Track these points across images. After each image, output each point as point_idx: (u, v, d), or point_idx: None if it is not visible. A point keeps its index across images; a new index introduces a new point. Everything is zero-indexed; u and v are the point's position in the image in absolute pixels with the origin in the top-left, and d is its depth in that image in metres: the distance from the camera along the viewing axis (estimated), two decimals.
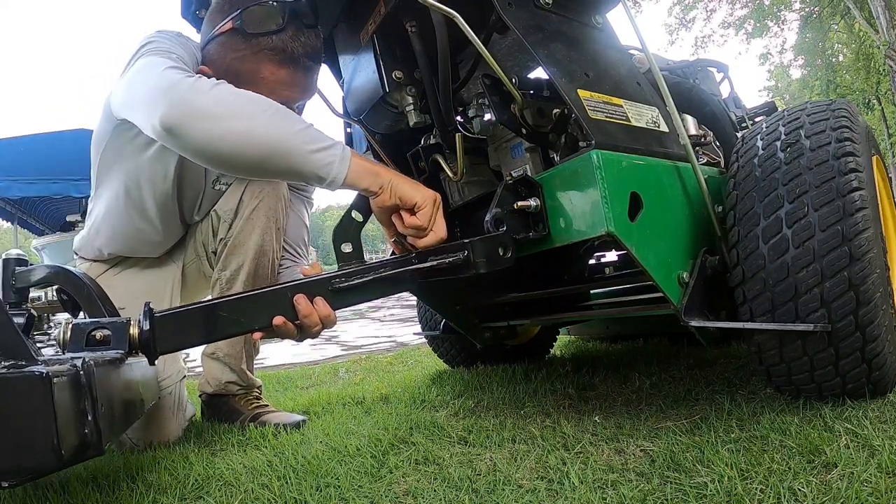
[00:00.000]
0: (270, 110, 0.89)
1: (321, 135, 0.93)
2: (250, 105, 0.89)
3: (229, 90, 0.90)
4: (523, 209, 0.97)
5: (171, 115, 0.85)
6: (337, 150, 0.93)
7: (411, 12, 1.13)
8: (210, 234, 1.40)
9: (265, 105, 0.90)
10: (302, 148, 0.89)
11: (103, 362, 0.66)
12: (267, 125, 0.87)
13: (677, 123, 1.04)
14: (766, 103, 1.98)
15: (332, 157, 0.91)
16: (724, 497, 0.71)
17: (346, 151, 0.94)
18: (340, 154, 0.93)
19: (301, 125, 0.92)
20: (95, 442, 0.58)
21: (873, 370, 0.93)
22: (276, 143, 0.87)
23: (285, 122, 0.89)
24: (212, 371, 1.50)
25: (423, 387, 1.68)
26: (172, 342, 0.83)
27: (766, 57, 21.10)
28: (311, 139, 0.90)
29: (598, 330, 2.29)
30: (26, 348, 0.56)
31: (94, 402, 0.59)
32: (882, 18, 12.91)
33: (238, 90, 0.92)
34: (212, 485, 0.95)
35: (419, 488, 0.86)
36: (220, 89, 0.89)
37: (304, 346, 4.62)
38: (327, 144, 0.92)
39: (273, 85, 1.06)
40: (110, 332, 0.77)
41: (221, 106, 0.86)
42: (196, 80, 0.89)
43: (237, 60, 1.06)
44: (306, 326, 0.91)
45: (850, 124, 0.99)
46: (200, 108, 0.85)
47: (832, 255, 0.88)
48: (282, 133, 0.87)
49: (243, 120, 0.86)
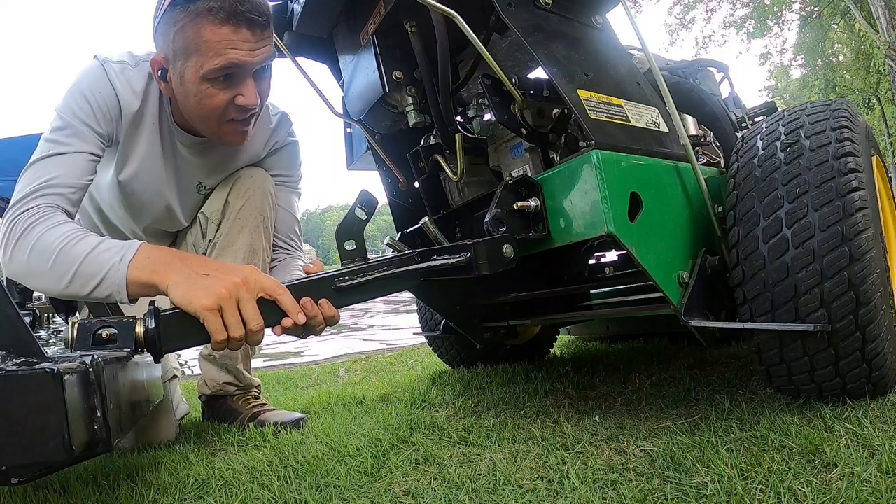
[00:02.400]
0: (48, 264, 0.95)
1: (96, 263, 0.93)
2: (37, 262, 0.96)
3: (25, 247, 0.97)
4: (523, 209, 0.97)
5: (6, 273, 1.02)
6: (109, 278, 0.93)
7: (411, 12, 1.14)
8: (199, 235, 1.41)
9: (45, 259, 0.96)
10: (81, 291, 0.95)
11: (112, 360, 0.67)
12: (50, 280, 0.96)
13: (677, 123, 1.04)
14: (766, 103, 1.98)
15: (108, 287, 0.94)
16: (724, 497, 0.71)
17: (120, 273, 0.93)
18: (113, 281, 0.93)
19: (72, 266, 0.94)
20: (105, 438, 0.59)
21: (873, 370, 0.93)
22: (63, 292, 0.97)
23: (61, 271, 0.95)
24: (209, 372, 1.50)
25: (423, 387, 1.68)
26: (178, 341, 0.83)
27: (766, 57, 21.10)
28: (85, 279, 0.94)
29: (598, 330, 2.29)
30: (37, 346, 0.57)
31: (104, 399, 0.60)
32: (882, 18, 12.91)
33: (29, 243, 0.97)
34: (212, 485, 0.95)
35: (419, 488, 0.86)
36: (18, 249, 0.97)
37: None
38: (98, 278, 0.93)
39: (218, 46, 1.03)
40: (116, 331, 0.78)
41: (21, 267, 0.99)
42: (9, 236, 0.99)
43: (180, 33, 1.04)
44: (311, 326, 0.91)
45: (850, 124, 0.99)
46: (13, 273, 1.00)
47: (832, 255, 0.88)
48: (61, 284, 0.95)
49: (36, 280, 1.00)
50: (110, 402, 0.62)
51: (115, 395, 0.66)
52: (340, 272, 0.95)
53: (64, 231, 0.98)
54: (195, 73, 1.06)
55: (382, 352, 3.48)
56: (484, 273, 0.94)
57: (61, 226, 0.99)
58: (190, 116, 1.17)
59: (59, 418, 0.53)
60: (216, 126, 1.15)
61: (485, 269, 0.94)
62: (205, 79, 1.06)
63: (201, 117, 1.15)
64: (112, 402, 0.63)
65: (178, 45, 1.06)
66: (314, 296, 0.91)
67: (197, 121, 1.18)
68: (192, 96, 1.10)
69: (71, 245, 0.95)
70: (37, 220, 0.99)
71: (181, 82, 1.09)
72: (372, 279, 0.96)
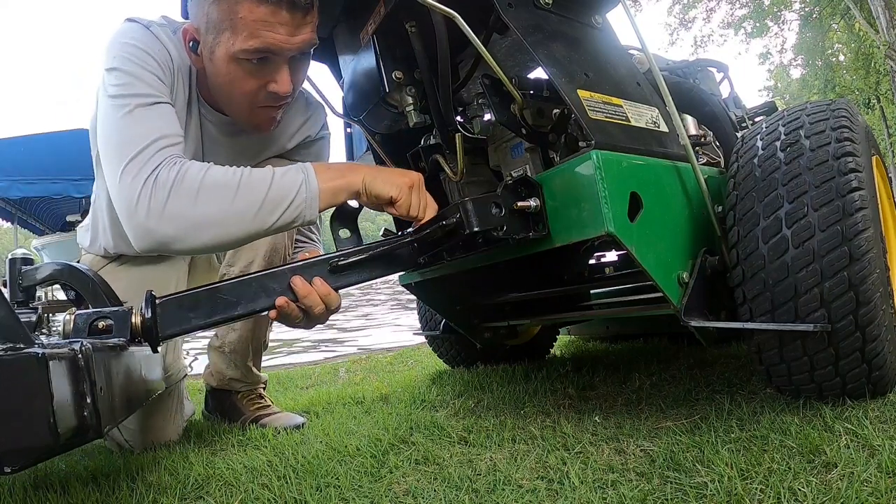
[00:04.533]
0: (229, 200, 0.89)
1: (283, 185, 0.91)
2: (210, 204, 0.88)
3: (186, 194, 0.88)
4: (523, 209, 0.97)
5: (144, 244, 0.91)
6: (301, 194, 0.92)
7: (411, 12, 1.13)
8: None
9: (224, 196, 0.89)
10: (269, 220, 0.92)
11: (103, 347, 0.66)
12: (231, 220, 0.90)
13: (677, 123, 1.04)
14: (766, 103, 1.98)
15: (298, 206, 0.93)
16: (724, 497, 0.71)
17: (311, 187, 0.93)
18: (305, 197, 0.93)
19: (260, 193, 0.90)
20: (95, 424, 0.59)
21: (873, 370, 0.93)
22: (246, 230, 0.91)
23: (246, 204, 0.90)
24: (217, 364, 1.49)
25: (423, 387, 1.68)
26: (174, 327, 0.83)
27: (766, 57, 21.10)
28: (274, 205, 0.91)
29: (598, 330, 2.29)
30: (24, 331, 0.57)
31: (93, 385, 0.59)
32: (882, 18, 12.91)
33: (193, 186, 0.88)
34: (212, 485, 0.95)
35: (419, 488, 0.86)
36: (177, 200, 0.88)
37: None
38: (290, 199, 0.92)
39: (253, 25, 0.95)
40: (112, 321, 0.78)
41: (184, 221, 0.88)
42: (151, 195, 0.88)
43: (214, 4, 0.96)
44: (308, 308, 0.91)
45: (850, 124, 0.99)
46: (168, 232, 0.88)
47: (832, 255, 0.88)
48: (246, 220, 0.90)
49: (210, 228, 0.89)
50: (101, 389, 0.61)
51: (108, 383, 0.65)
52: (336, 253, 0.96)
53: (229, 169, 0.91)
54: (226, 50, 0.98)
55: (382, 352, 3.48)
56: (475, 229, 0.93)
57: (217, 166, 0.92)
58: (217, 95, 1.11)
59: (45, 403, 0.53)
60: (244, 110, 1.09)
61: (476, 225, 0.93)
62: (236, 59, 0.99)
63: (229, 98, 1.09)
64: (103, 389, 0.62)
65: (213, 17, 0.97)
66: (308, 277, 0.91)
67: (224, 101, 1.11)
68: (222, 75, 1.03)
69: (249, 175, 0.91)
70: (182, 166, 0.90)
71: (211, 58, 1.02)
72: (368, 256, 0.96)
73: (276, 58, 1.00)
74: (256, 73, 1.02)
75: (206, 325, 0.86)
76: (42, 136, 6.36)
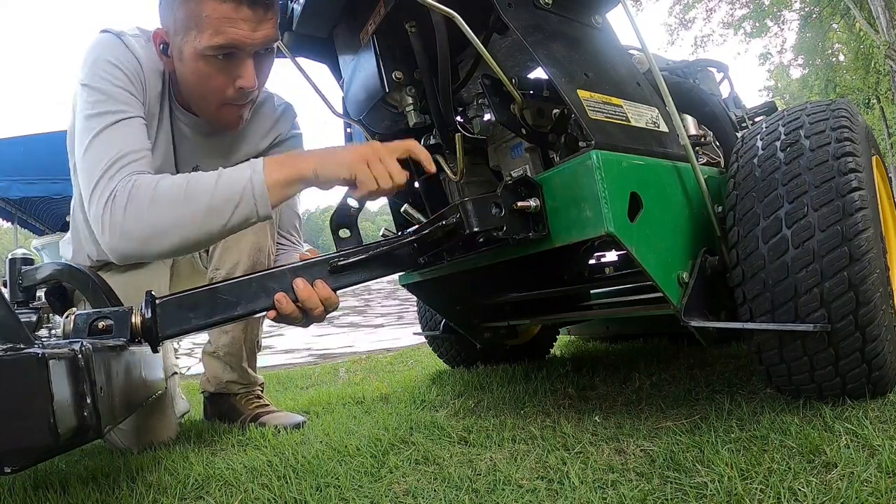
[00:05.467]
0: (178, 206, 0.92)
1: (228, 185, 0.93)
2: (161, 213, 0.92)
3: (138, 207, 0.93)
4: (523, 209, 0.97)
5: (118, 258, 0.97)
6: (247, 191, 0.93)
7: (411, 12, 1.13)
8: None
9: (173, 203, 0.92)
10: (220, 220, 0.93)
11: (103, 347, 0.67)
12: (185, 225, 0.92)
13: (677, 123, 1.04)
14: (766, 103, 1.98)
15: (248, 203, 0.93)
16: (724, 497, 0.71)
17: (258, 182, 0.93)
18: (253, 192, 0.93)
19: (206, 195, 0.92)
20: (94, 425, 0.59)
21: (873, 370, 0.93)
22: (202, 232, 0.94)
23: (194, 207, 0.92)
24: (212, 369, 1.49)
25: (423, 387, 1.68)
26: (175, 327, 0.83)
27: (765, 57, 21.10)
28: (222, 204, 0.92)
29: (598, 330, 2.29)
30: (24, 332, 0.57)
31: (93, 385, 0.59)
32: (882, 18, 12.91)
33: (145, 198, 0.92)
34: (212, 485, 0.95)
35: (419, 488, 0.86)
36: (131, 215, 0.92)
37: None
38: (237, 197, 0.92)
39: (218, 23, 1.00)
40: (112, 322, 0.78)
41: (140, 233, 0.93)
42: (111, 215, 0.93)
43: (181, 6, 1.02)
44: (308, 309, 0.91)
45: (850, 124, 0.99)
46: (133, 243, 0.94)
47: (832, 255, 0.88)
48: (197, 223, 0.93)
49: (167, 235, 0.93)
50: (101, 389, 0.61)
51: (108, 383, 0.65)
52: (336, 253, 0.96)
53: (178, 177, 0.94)
54: (193, 49, 1.03)
55: (382, 352, 3.48)
56: (475, 229, 0.93)
57: (169, 177, 0.95)
58: (188, 95, 1.15)
59: (45, 403, 0.53)
60: (213, 107, 1.13)
61: (475, 225, 0.93)
62: (203, 56, 1.04)
63: (198, 96, 1.13)
64: (103, 390, 0.62)
65: (179, 17, 1.03)
66: (309, 278, 0.91)
67: (194, 100, 1.16)
68: (191, 73, 1.08)
69: (195, 181, 0.93)
70: (139, 180, 0.95)
71: (180, 58, 1.07)
72: (368, 258, 0.96)
73: (240, 53, 1.05)
74: (223, 69, 1.06)
75: (206, 326, 0.86)
76: (42, 136, 6.34)
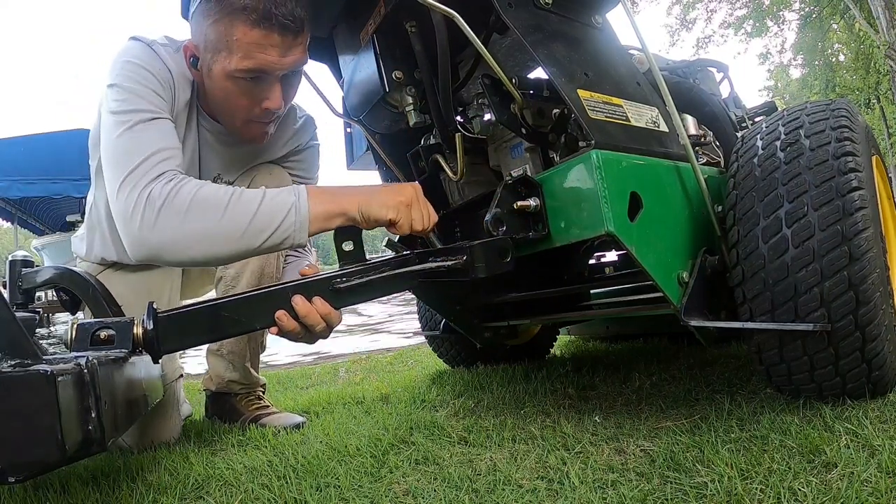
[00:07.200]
0: (217, 218, 0.91)
1: (272, 208, 0.93)
2: (199, 221, 0.91)
3: (177, 209, 0.91)
4: (523, 209, 0.97)
5: (138, 254, 0.94)
6: (290, 218, 0.93)
7: (411, 12, 1.13)
8: None
9: (213, 214, 0.91)
10: (256, 241, 0.93)
11: (107, 361, 0.67)
12: (219, 238, 0.92)
13: (677, 123, 1.04)
14: (766, 103, 1.98)
15: (287, 230, 0.94)
16: (724, 497, 0.71)
17: (301, 211, 0.94)
18: (294, 220, 0.94)
19: (248, 214, 0.92)
20: (99, 438, 0.60)
21: (873, 370, 0.93)
22: (234, 249, 0.93)
23: (234, 224, 0.92)
24: (215, 368, 1.50)
25: (423, 387, 1.68)
26: (176, 342, 0.84)
27: (765, 57, 21.08)
28: (262, 227, 0.92)
29: (598, 330, 2.29)
30: (32, 347, 0.58)
31: (98, 400, 0.60)
32: (882, 18, 12.90)
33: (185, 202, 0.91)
34: (212, 485, 0.95)
35: (419, 488, 0.86)
36: (168, 214, 0.91)
37: None
38: (278, 222, 0.93)
39: (247, 47, 1.02)
40: (114, 332, 0.78)
41: (172, 235, 0.91)
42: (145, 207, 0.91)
43: (212, 26, 1.03)
44: (309, 325, 0.91)
45: (850, 124, 0.99)
46: (159, 243, 0.92)
47: (832, 255, 0.88)
48: (233, 240, 0.92)
49: (197, 244, 0.92)
50: (105, 403, 0.62)
51: (111, 396, 0.66)
52: (338, 273, 0.95)
53: (220, 190, 0.94)
54: (223, 69, 1.05)
55: (382, 352, 3.48)
56: (480, 276, 0.94)
57: (210, 186, 0.95)
58: (214, 108, 1.18)
59: (53, 419, 0.54)
60: (238, 123, 1.16)
61: (481, 271, 0.94)
62: (231, 77, 1.05)
63: (225, 112, 1.15)
64: (107, 403, 0.63)
65: (210, 37, 1.04)
66: (308, 295, 0.91)
67: (220, 113, 1.18)
68: (219, 90, 1.10)
69: (237, 200, 0.93)
70: (177, 182, 0.94)
71: (209, 74, 1.09)
72: (369, 280, 0.96)
73: (268, 76, 1.07)
74: (250, 90, 1.08)
75: (207, 340, 0.87)
76: (42, 136, 6.35)
